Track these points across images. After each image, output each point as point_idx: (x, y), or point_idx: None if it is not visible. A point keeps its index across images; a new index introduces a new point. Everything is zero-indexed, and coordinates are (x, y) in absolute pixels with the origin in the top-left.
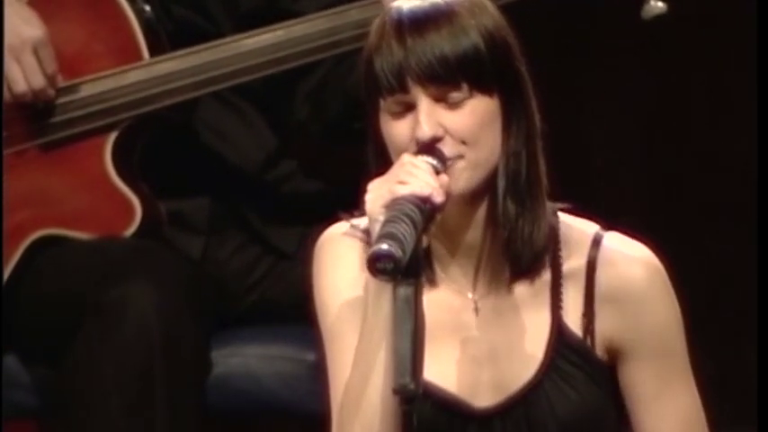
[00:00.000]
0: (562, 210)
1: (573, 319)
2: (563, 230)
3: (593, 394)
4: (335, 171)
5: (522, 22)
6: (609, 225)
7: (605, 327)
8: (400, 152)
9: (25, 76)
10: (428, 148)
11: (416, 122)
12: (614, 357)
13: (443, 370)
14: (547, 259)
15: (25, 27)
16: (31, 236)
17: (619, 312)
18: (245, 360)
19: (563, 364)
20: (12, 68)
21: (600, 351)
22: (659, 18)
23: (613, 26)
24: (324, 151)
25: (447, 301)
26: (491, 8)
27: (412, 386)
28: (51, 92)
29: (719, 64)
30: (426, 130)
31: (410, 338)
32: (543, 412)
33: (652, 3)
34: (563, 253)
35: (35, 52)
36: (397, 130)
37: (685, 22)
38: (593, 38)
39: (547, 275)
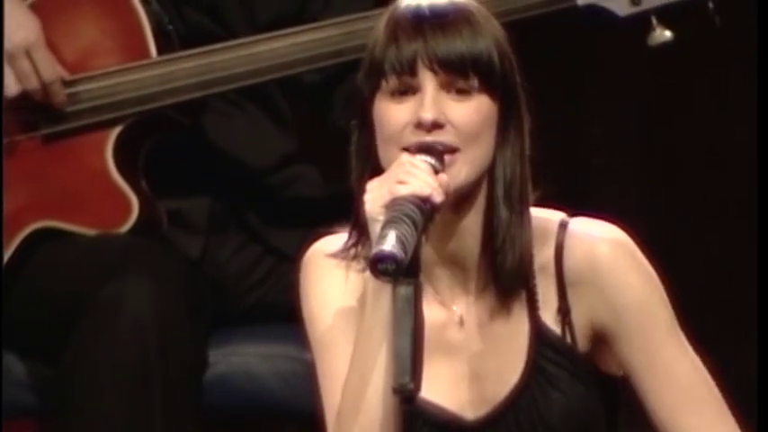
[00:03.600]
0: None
1: (550, 315)
2: (533, 224)
3: (579, 393)
4: (339, 175)
5: (523, 22)
6: (587, 214)
7: (581, 314)
8: (393, 137)
9: (19, 80)
10: (426, 147)
11: (421, 105)
12: (599, 341)
13: (433, 385)
14: None
15: (18, 31)
16: (28, 227)
17: (590, 294)
18: (245, 359)
19: (546, 364)
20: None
21: (582, 341)
22: (665, 45)
23: (613, 26)
24: (328, 155)
25: (433, 316)
26: (496, 21)
27: (411, 385)
28: (51, 93)
29: (719, 63)
30: (429, 115)
31: (410, 338)
32: (532, 416)
33: (658, 31)
34: (534, 246)
35: (29, 56)
36: (394, 112)
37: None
38: (593, 37)
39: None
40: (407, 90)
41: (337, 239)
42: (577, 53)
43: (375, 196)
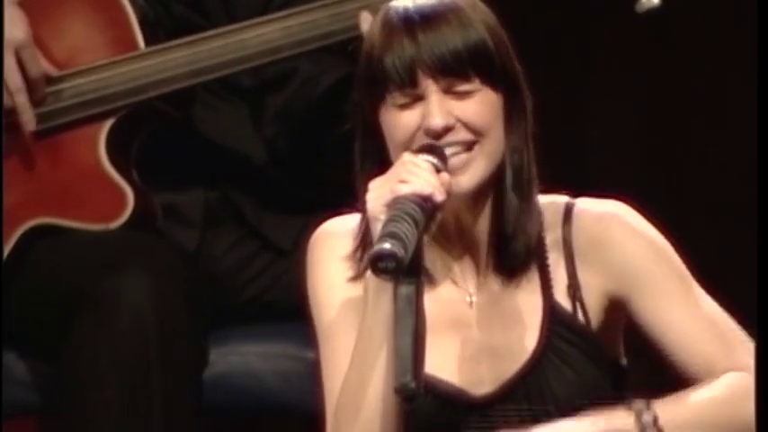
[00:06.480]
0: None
1: (561, 293)
2: (541, 207)
3: (590, 371)
4: (331, 168)
5: (522, 19)
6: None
7: (592, 288)
8: (405, 143)
9: (4, 78)
10: (429, 147)
11: (428, 113)
12: (616, 310)
13: (443, 363)
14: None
15: (7, 28)
16: (24, 225)
17: (599, 264)
18: (245, 358)
19: (559, 342)
20: None
21: (594, 318)
22: (653, 12)
23: (612, 24)
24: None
25: (444, 294)
26: (485, 7)
27: (413, 385)
28: (35, 92)
29: (719, 62)
30: (438, 121)
31: (411, 337)
32: (543, 393)
33: None
34: (545, 228)
35: (16, 54)
36: (404, 120)
37: (685, 20)
38: (593, 36)
39: (534, 257)
40: (413, 97)
41: (344, 220)
42: (577, 53)
43: (377, 195)
